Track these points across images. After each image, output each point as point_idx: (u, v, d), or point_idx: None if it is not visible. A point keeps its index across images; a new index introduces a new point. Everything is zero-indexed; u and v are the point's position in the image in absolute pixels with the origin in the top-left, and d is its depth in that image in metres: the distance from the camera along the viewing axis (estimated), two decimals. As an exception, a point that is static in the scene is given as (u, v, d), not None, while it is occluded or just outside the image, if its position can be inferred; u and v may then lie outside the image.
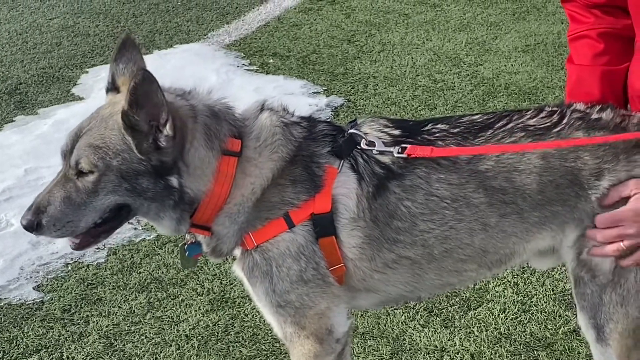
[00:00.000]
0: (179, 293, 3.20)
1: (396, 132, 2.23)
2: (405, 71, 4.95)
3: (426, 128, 2.26)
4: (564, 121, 2.25)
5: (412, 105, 4.57)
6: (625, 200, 2.19)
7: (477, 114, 2.32)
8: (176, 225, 2.13)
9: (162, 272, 3.32)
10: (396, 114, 4.47)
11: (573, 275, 2.30)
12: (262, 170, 2.14)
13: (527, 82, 4.66)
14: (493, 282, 3.18)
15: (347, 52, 5.21)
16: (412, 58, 5.11)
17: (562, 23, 2.61)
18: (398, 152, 2.18)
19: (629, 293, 2.24)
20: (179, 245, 2.31)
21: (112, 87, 2.18)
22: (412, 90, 4.73)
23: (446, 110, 4.50)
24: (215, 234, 2.17)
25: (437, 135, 2.23)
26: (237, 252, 2.23)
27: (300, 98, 4.64)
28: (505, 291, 3.15)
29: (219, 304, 3.13)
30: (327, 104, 4.61)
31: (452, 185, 2.20)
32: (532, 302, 3.09)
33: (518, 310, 3.06)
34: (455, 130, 2.24)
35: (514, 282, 3.19)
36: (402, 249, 2.23)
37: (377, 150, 2.18)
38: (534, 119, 2.26)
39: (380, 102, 4.62)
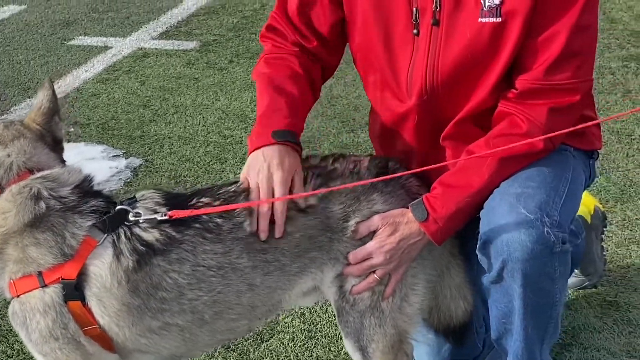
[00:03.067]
0: (-11, 356, 3.09)
1: (164, 209, 2.23)
2: (197, 130, 4.98)
3: (192, 202, 2.28)
4: (307, 178, 2.34)
5: (205, 161, 4.60)
6: (372, 233, 2.29)
7: (233, 184, 2.36)
8: None
9: (-28, 338, 3.19)
10: (190, 170, 4.50)
11: (336, 307, 2.38)
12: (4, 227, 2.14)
13: (306, 132, 4.72)
14: (283, 315, 3.23)
15: (144, 116, 5.20)
16: (203, 117, 5.15)
17: (333, 78, 2.74)
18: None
19: (384, 315, 2.35)
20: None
21: None
22: (205, 147, 4.76)
23: (236, 162, 4.55)
24: None
25: (202, 208, 2.26)
26: None
27: (101, 162, 4.59)
28: (294, 321, 3.22)
29: (29, 363, 3.05)
30: (126, 166, 4.57)
31: (218, 254, 2.22)
32: (317, 328, 3.17)
33: (305, 337, 3.13)
34: (218, 203, 2.27)
35: (301, 312, 3.26)
36: (169, 317, 2.22)
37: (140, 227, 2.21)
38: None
39: (176, 160, 4.63)
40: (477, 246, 2.37)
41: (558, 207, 2.32)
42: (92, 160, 4.60)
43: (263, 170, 2.31)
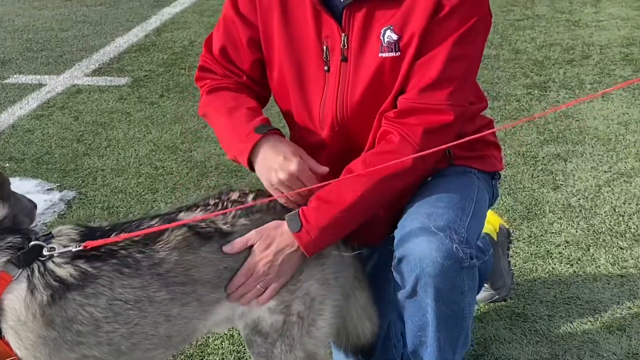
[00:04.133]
0: None
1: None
2: (129, 162, 4.94)
3: (110, 236, 2.25)
4: (228, 211, 2.33)
5: (137, 192, 4.56)
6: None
7: (155, 218, 2.33)
8: None
9: None
10: (123, 201, 4.46)
11: (247, 340, 2.37)
12: None
13: (233, 162, 4.76)
14: (213, 337, 3.21)
15: (77, 150, 5.14)
16: (135, 150, 5.11)
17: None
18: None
19: (294, 340, 2.34)
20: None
21: None
22: (137, 178, 4.72)
23: (167, 192, 4.54)
24: None
25: (120, 244, 2.22)
26: None
27: (36, 195, 4.50)
28: (223, 343, 3.19)
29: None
30: (60, 199, 4.51)
31: (136, 289, 2.18)
32: (245, 349, 3.13)
33: (234, 358, 3.11)
34: (137, 238, 2.24)
35: (230, 334, 3.23)
36: (86, 349, 2.19)
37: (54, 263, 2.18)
38: (203, 213, 2.35)
39: (109, 192, 4.58)
40: (392, 264, 2.40)
41: (465, 225, 2.38)
42: (27, 194, 4.50)
43: (279, 171, 2.33)
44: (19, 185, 4.63)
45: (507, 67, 6.05)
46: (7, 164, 4.96)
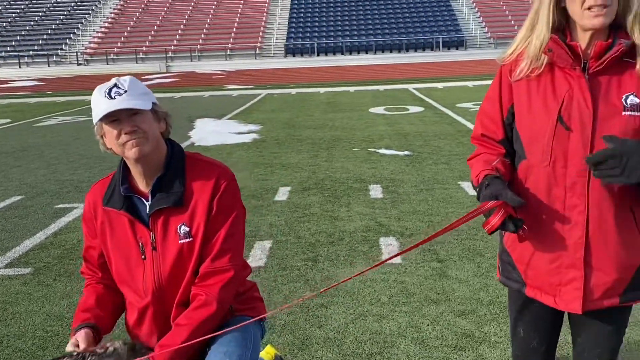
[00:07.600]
0: None
1: None
2: (28, 328, 4.93)
3: None
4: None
5: (32, 350, 4.56)
6: None
7: (64, 357, 2.49)
8: None
9: None
10: (21, 357, 4.43)
11: None
12: None
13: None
14: None
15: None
16: (33, 320, 5.09)
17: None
18: None
19: None
20: None
21: None
22: (32, 340, 4.72)
23: (54, 349, 4.53)
24: None
25: None
26: None
27: None
28: None
29: None
30: None
31: None
32: None
33: None
34: None
35: None
36: None
37: None
38: None
39: (11, 352, 4.54)
40: None
41: (249, 355, 2.69)
42: None
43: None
44: None
45: (292, 248, 6.51)
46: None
